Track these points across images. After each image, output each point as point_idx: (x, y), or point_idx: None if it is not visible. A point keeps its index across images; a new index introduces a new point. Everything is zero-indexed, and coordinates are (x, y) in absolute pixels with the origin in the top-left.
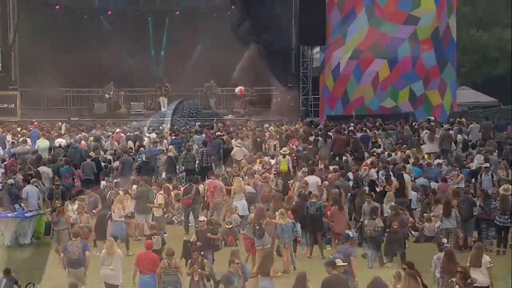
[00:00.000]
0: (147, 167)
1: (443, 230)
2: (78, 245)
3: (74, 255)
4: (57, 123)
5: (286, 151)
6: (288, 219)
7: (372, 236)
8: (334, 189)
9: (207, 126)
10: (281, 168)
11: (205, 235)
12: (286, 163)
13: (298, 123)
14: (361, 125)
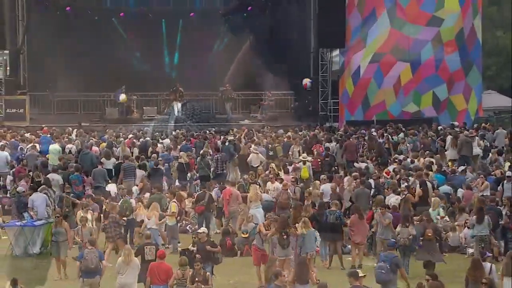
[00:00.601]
0: (156, 173)
1: (475, 238)
2: (95, 253)
3: (92, 264)
4: (67, 129)
5: (307, 158)
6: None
7: (405, 245)
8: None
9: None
10: (302, 174)
11: (205, 248)
12: (307, 170)
13: (316, 129)
14: (382, 131)
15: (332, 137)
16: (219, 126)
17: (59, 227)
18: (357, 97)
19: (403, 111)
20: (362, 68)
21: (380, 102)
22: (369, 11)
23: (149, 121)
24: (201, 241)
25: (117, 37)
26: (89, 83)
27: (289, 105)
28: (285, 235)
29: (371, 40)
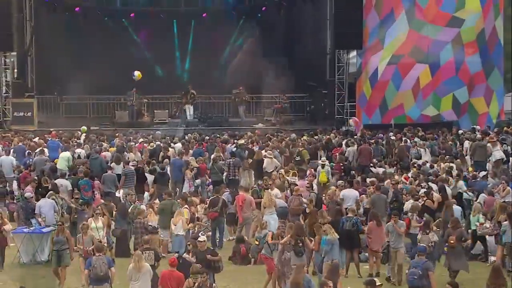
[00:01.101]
0: (163, 178)
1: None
2: (103, 260)
3: (101, 272)
4: (76, 133)
5: (326, 161)
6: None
7: None
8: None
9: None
10: (320, 179)
11: (205, 256)
12: (325, 174)
13: (332, 133)
14: (401, 135)
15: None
16: (232, 130)
17: (60, 236)
18: (374, 100)
19: (422, 115)
20: (380, 70)
21: (398, 105)
22: (387, 11)
23: (160, 124)
24: (201, 249)
25: (127, 39)
26: (99, 85)
27: (304, 108)
28: (300, 242)
29: (389, 41)
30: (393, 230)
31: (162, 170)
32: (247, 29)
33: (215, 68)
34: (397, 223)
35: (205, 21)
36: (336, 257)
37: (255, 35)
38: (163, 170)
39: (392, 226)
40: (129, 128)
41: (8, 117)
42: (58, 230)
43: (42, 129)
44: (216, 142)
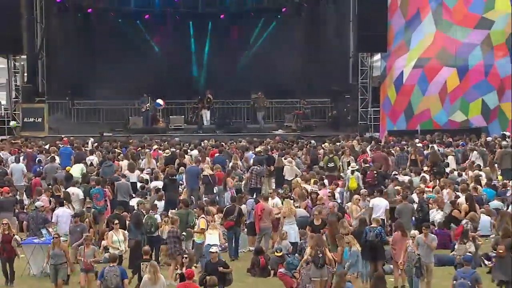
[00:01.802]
0: (172, 185)
1: None
2: (116, 272)
3: (111, 284)
4: (89, 139)
5: (355, 167)
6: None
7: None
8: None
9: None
10: (350, 185)
11: (216, 269)
12: (355, 180)
13: (355, 139)
14: (427, 141)
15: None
16: (250, 136)
17: (56, 249)
18: (399, 105)
19: (450, 120)
20: (405, 73)
21: (424, 110)
22: (413, 12)
23: (175, 131)
24: (212, 261)
25: (141, 41)
26: (112, 90)
27: (326, 114)
28: (321, 253)
29: (415, 43)
30: (423, 244)
31: (172, 177)
32: (266, 31)
33: (233, 72)
34: (427, 237)
35: (223, 23)
36: (360, 270)
37: (275, 38)
38: (173, 177)
39: (422, 239)
40: (143, 134)
41: (18, 123)
42: (54, 243)
43: (53, 135)
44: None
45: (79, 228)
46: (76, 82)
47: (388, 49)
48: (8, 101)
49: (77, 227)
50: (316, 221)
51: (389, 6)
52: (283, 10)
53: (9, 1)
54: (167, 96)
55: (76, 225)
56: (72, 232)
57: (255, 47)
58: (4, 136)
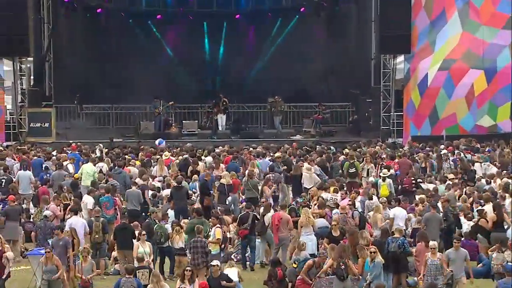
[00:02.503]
0: (179, 193)
1: None
2: (132, 283)
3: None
4: (98, 145)
5: (387, 173)
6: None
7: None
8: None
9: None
10: (381, 193)
11: (219, 283)
12: (387, 187)
13: (377, 145)
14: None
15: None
16: (267, 142)
17: (49, 265)
18: (424, 109)
19: (477, 125)
20: (430, 76)
21: (450, 115)
22: (438, 12)
23: (189, 136)
24: (214, 275)
25: (153, 42)
26: (122, 93)
27: (346, 119)
28: (343, 265)
29: (440, 44)
30: (455, 258)
31: (179, 184)
32: (284, 31)
33: (249, 74)
34: (458, 250)
35: (239, 23)
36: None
37: (293, 38)
38: (180, 184)
39: (454, 253)
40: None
41: (24, 128)
42: (47, 258)
43: (60, 141)
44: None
45: (62, 242)
46: (85, 86)
47: (412, 50)
48: (13, 105)
49: (59, 241)
50: (334, 232)
51: (413, 6)
52: (301, 10)
53: (15, 1)
54: (179, 99)
55: (58, 239)
56: (55, 246)
57: (272, 49)
58: (10, 142)
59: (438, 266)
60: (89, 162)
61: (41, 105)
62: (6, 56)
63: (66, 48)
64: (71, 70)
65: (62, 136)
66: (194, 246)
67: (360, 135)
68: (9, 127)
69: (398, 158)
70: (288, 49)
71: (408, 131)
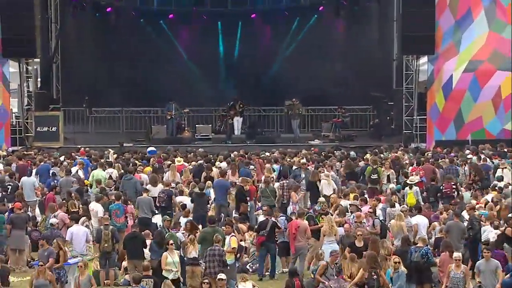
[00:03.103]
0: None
1: None
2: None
3: None
4: (107, 150)
5: (414, 180)
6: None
7: None
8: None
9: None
10: (407, 201)
11: None
12: (413, 195)
13: (400, 150)
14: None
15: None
16: (284, 147)
17: (41, 279)
18: (448, 112)
19: (504, 129)
20: (455, 78)
21: (476, 118)
22: (464, 11)
23: (202, 141)
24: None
25: (165, 42)
26: (133, 96)
27: (367, 123)
28: (375, 275)
29: (466, 45)
30: (484, 269)
31: (201, 191)
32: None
33: (265, 76)
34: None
35: (254, 23)
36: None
37: (311, 39)
38: (202, 191)
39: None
40: (167, 144)
41: (31, 133)
42: (39, 272)
43: (68, 146)
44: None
45: (47, 253)
46: (94, 88)
47: (436, 51)
48: (20, 108)
49: (44, 252)
50: (358, 242)
51: (437, 4)
52: (320, 9)
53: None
54: (193, 102)
55: (43, 249)
56: (40, 257)
57: (290, 49)
58: (16, 147)
59: (461, 279)
60: (99, 168)
61: (48, 109)
62: (12, 57)
63: (74, 49)
64: (80, 71)
65: (70, 141)
66: (211, 255)
67: (381, 139)
68: (15, 131)
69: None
70: (306, 49)
71: (432, 136)
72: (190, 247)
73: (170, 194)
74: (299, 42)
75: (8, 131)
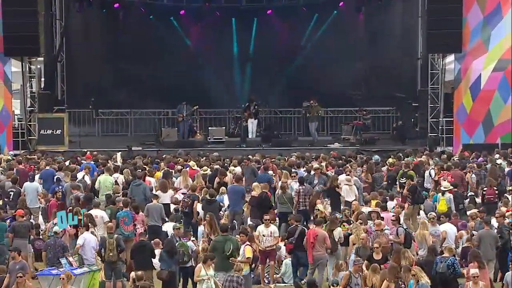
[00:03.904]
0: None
1: None
2: None
3: None
4: (115, 154)
5: (448, 187)
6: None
7: None
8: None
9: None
10: (439, 208)
11: None
12: (446, 202)
13: (425, 154)
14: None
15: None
16: (302, 151)
17: None
18: (477, 114)
19: None
20: (484, 78)
21: (506, 120)
22: (493, 6)
23: (215, 144)
24: None
25: (176, 40)
26: (142, 97)
27: (390, 125)
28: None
29: (495, 43)
30: None
31: (211, 198)
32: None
33: (281, 76)
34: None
35: (270, 19)
36: None
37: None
38: (212, 197)
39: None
40: (178, 148)
41: (34, 136)
42: (18, 283)
43: (74, 149)
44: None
45: (19, 266)
46: (101, 88)
47: (463, 49)
48: (22, 110)
49: (16, 265)
50: (376, 255)
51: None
52: (340, 5)
53: None
54: (205, 104)
55: (15, 262)
56: (11, 271)
57: (308, 47)
58: (18, 151)
59: None
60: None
61: (53, 110)
62: (14, 56)
63: (80, 47)
64: (86, 71)
65: (75, 144)
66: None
67: (405, 143)
68: (17, 134)
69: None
70: (325, 47)
71: (459, 139)
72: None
73: (195, 199)
74: (318, 39)
75: (10, 134)
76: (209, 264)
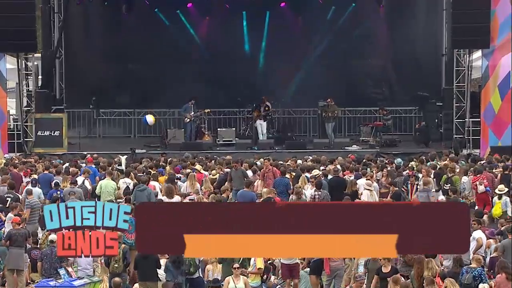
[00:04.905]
0: None
1: None
2: None
3: None
4: (117, 157)
5: (504, 190)
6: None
7: None
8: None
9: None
10: (494, 212)
11: None
12: (501, 206)
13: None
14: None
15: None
16: (318, 153)
17: None
18: (506, 114)
19: None
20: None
21: None
22: None
23: (224, 147)
24: None
25: (183, 35)
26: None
27: (412, 126)
28: None
29: None
30: None
31: None
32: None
33: (296, 73)
34: None
35: (284, 12)
36: None
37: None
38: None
39: None
40: (185, 151)
41: (31, 138)
42: None
43: (73, 152)
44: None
45: None
46: (102, 87)
47: (491, 44)
48: (18, 110)
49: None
50: (384, 268)
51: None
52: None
53: None
54: (214, 103)
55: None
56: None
57: (324, 43)
58: (14, 154)
59: None
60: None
61: (51, 110)
62: (9, 52)
63: (80, 43)
64: (86, 68)
65: (75, 147)
66: None
67: (428, 145)
68: (13, 136)
69: (471, 173)
70: (343, 43)
71: (487, 141)
72: (210, 267)
73: None
74: (335, 34)
75: (5, 135)
76: (238, 275)
